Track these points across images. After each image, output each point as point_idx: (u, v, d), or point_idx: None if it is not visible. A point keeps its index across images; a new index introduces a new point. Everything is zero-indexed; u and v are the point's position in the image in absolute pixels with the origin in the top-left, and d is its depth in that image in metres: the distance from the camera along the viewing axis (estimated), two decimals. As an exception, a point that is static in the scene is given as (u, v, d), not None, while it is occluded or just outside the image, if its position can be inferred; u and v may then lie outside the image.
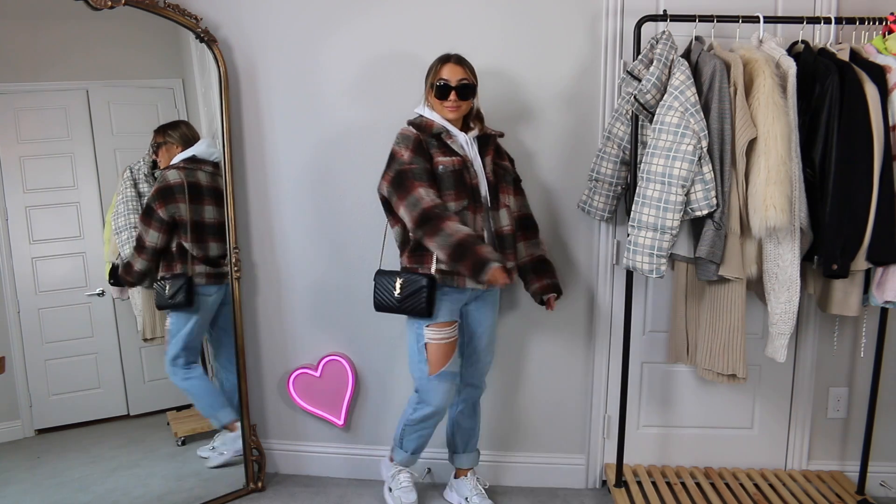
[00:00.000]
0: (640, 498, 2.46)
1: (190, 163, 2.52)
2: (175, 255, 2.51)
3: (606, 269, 2.59)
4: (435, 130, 2.20)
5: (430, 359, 2.24)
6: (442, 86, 2.18)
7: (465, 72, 2.20)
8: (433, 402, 2.27)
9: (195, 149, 2.54)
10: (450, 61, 2.21)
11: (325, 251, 2.68)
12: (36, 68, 2.46)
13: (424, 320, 2.21)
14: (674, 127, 1.99)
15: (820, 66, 2.05)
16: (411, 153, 2.16)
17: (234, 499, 2.59)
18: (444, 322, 2.23)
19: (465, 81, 2.19)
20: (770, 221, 1.94)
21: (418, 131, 2.20)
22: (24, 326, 2.49)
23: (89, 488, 2.45)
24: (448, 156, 2.18)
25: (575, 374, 2.68)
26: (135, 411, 2.68)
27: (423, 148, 2.18)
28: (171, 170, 2.50)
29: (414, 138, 2.18)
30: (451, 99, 2.18)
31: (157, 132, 2.54)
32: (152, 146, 2.53)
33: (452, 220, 2.08)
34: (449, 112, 2.20)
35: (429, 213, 2.07)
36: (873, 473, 2.50)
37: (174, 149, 2.53)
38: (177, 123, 2.57)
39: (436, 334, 2.23)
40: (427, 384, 2.26)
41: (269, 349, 2.77)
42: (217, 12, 2.56)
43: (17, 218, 2.45)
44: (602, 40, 2.48)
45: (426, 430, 2.37)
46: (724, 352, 2.15)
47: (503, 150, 2.38)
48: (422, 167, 2.14)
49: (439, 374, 2.24)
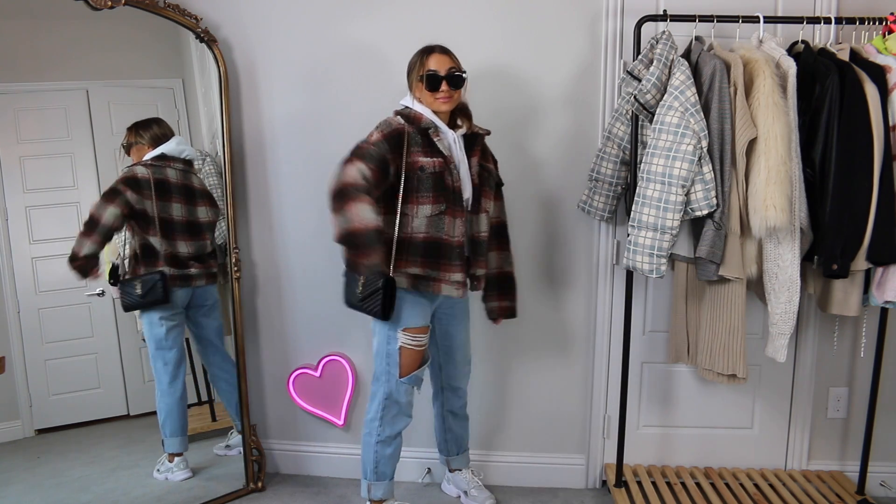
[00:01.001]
0: (640, 498, 2.46)
1: (158, 160, 2.49)
2: (141, 255, 2.46)
3: (606, 269, 2.59)
4: (423, 125, 2.09)
5: (403, 363, 2.16)
6: (431, 76, 2.08)
7: (452, 60, 2.12)
8: (401, 402, 2.19)
9: (164, 147, 2.49)
10: (435, 52, 2.11)
11: (325, 251, 2.67)
12: (36, 68, 2.46)
13: (403, 322, 2.13)
14: (674, 127, 1.99)
15: (820, 66, 2.05)
16: (381, 137, 2.04)
17: (234, 499, 2.59)
18: (419, 327, 2.16)
19: (454, 70, 2.10)
20: (770, 221, 1.94)
21: (406, 123, 2.09)
22: (24, 326, 2.49)
23: (89, 488, 2.45)
24: (431, 156, 2.07)
25: (575, 374, 2.68)
26: (135, 411, 2.68)
27: (399, 141, 2.05)
28: (138, 166, 2.47)
29: (395, 127, 2.06)
30: (442, 89, 2.08)
31: (129, 130, 2.49)
32: (123, 145, 2.49)
33: (362, 204, 1.89)
34: (441, 104, 2.10)
35: (345, 188, 1.92)
36: (873, 473, 2.50)
37: (144, 150, 2.49)
38: (149, 123, 2.51)
39: (411, 340, 2.15)
40: (393, 384, 2.18)
41: (269, 349, 2.77)
42: (217, 12, 2.56)
43: (17, 218, 2.45)
44: (602, 40, 2.48)
45: (398, 437, 2.24)
46: (724, 352, 2.15)
47: (489, 150, 2.29)
48: (381, 151, 2.00)
49: (410, 378, 2.18)
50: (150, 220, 2.46)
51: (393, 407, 2.20)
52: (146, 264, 2.47)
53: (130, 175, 2.45)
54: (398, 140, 2.05)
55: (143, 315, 2.54)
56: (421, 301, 2.17)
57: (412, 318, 2.15)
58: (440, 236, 2.10)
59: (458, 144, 2.16)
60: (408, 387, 2.20)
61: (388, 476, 2.26)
